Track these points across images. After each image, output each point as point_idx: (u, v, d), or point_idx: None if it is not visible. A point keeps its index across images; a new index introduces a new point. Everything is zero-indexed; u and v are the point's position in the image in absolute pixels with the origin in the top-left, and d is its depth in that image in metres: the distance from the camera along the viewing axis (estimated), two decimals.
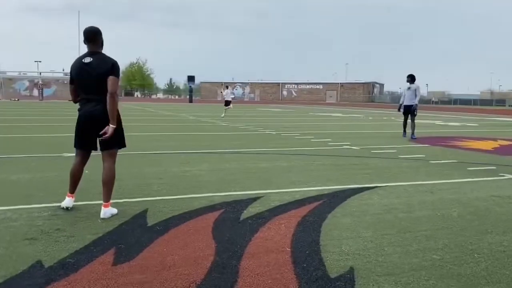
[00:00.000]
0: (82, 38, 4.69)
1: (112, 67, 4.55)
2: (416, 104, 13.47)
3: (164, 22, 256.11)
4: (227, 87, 27.24)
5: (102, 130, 4.50)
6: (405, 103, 13.68)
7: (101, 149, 4.69)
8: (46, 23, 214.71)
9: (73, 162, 4.91)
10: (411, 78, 13.54)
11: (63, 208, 4.76)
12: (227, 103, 24.55)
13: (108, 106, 4.48)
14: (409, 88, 13.54)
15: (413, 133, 13.24)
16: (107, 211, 4.58)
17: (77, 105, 4.80)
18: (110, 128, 4.48)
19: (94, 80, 4.52)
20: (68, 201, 4.80)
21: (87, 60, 4.59)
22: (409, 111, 13.48)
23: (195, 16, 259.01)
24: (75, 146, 4.89)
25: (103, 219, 4.47)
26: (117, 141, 4.69)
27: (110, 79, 4.49)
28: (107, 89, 4.46)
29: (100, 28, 4.76)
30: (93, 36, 4.66)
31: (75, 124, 4.80)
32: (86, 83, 4.59)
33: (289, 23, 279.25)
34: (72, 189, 4.85)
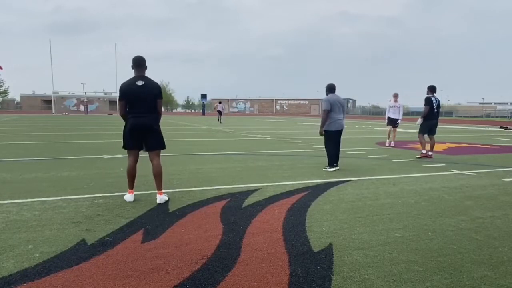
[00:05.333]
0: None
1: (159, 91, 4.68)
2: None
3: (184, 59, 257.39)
4: (219, 102, 31.07)
5: (151, 135, 4.67)
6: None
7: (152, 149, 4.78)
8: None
9: (128, 164, 4.76)
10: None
11: (129, 201, 4.65)
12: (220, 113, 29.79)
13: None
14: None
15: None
16: (162, 198, 4.66)
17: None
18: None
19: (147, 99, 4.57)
20: (130, 197, 4.70)
21: (140, 83, 4.55)
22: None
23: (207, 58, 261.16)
24: (128, 148, 4.75)
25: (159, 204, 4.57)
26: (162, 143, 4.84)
27: (159, 101, 4.67)
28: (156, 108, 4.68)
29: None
30: (143, 63, 4.62)
31: (120, 132, 4.77)
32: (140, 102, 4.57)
33: (290, 60, 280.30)
34: (132, 185, 4.75)
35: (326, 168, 7.30)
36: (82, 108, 64.25)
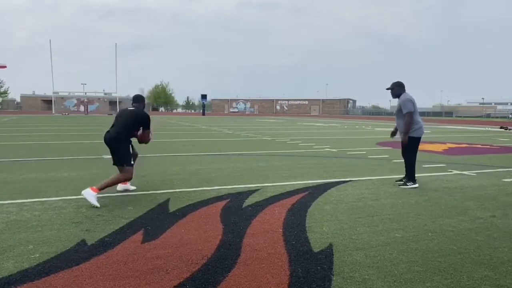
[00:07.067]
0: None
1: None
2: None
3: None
4: None
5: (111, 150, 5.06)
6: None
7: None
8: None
9: None
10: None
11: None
12: None
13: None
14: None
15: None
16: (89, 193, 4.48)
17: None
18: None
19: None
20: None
21: (130, 108, 5.19)
22: None
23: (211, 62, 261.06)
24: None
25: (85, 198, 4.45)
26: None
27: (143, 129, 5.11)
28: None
29: None
30: (137, 99, 5.24)
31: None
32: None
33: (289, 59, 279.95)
34: None
35: (408, 185, 5.80)
36: (82, 108, 64.34)
